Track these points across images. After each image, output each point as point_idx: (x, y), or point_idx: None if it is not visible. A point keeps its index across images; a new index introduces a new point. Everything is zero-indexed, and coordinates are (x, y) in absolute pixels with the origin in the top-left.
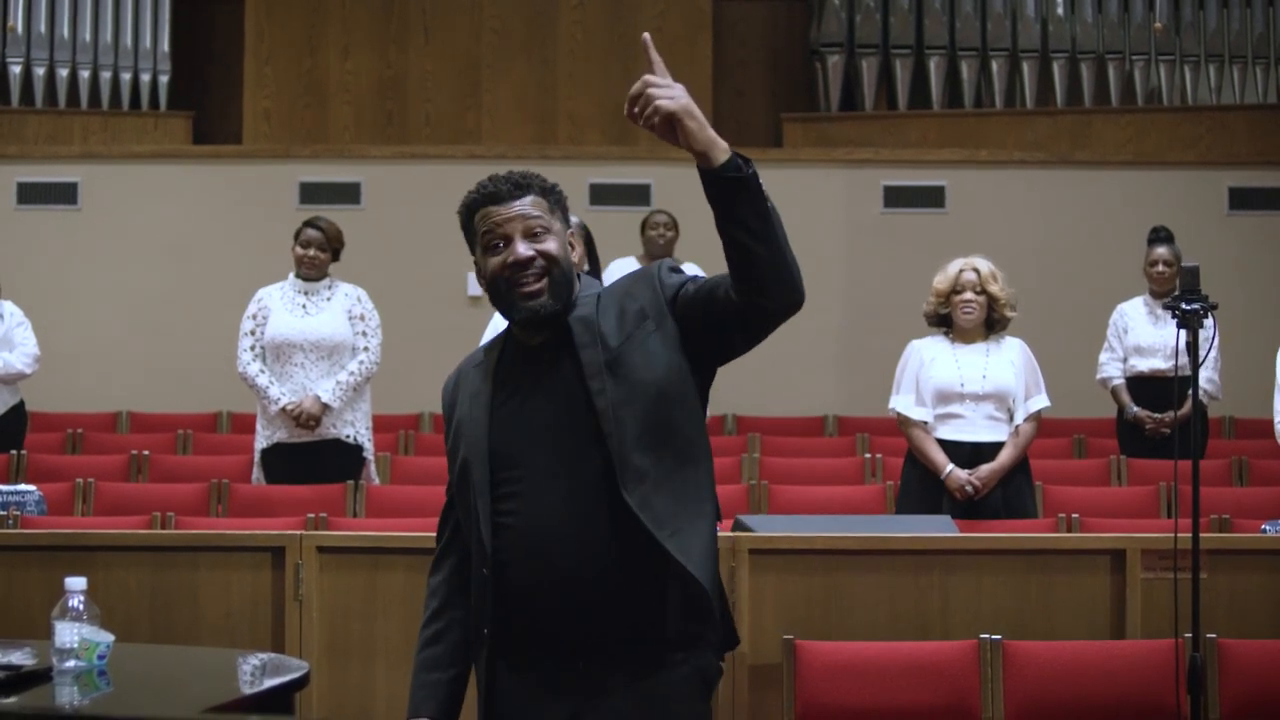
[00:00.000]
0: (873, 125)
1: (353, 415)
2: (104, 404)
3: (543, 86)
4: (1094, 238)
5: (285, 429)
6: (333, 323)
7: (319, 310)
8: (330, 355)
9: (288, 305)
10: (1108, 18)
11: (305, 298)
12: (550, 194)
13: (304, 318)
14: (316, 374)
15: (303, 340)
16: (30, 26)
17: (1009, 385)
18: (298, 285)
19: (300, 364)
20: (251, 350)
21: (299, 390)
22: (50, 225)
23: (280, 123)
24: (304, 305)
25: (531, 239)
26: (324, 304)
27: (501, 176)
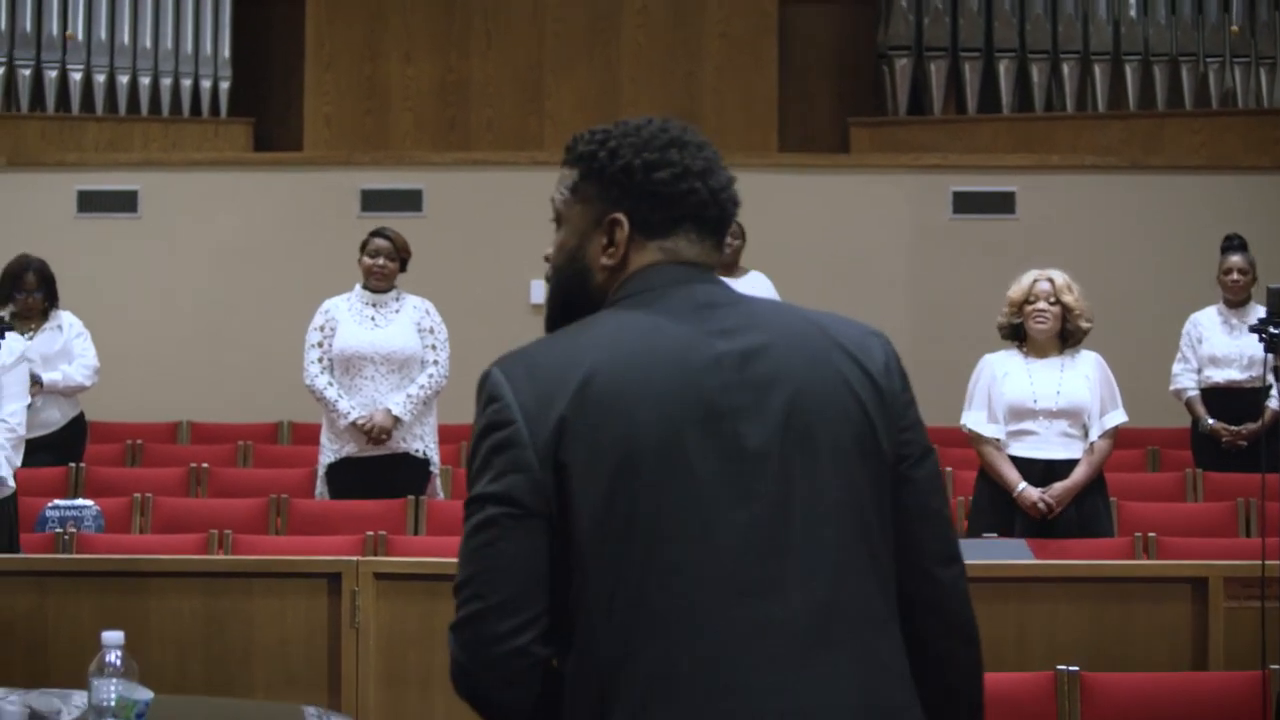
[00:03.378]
0: (941, 130)
1: (421, 429)
2: (164, 414)
3: (606, 90)
4: (1167, 244)
5: (354, 443)
6: (402, 335)
7: (389, 322)
8: (400, 368)
9: (356, 317)
10: (1181, 19)
11: (374, 310)
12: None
13: (373, 330)
14: (386, 387)
15: (373, 353)
16: (90, 33)
17: (1084, 401)
18: (365, 297)
19: (370, 377)
20: (319, 363)
21: (368, 403)
22: (110, 234)
23: (341, 129)
24: (373, 317)
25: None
26: (393, 316)
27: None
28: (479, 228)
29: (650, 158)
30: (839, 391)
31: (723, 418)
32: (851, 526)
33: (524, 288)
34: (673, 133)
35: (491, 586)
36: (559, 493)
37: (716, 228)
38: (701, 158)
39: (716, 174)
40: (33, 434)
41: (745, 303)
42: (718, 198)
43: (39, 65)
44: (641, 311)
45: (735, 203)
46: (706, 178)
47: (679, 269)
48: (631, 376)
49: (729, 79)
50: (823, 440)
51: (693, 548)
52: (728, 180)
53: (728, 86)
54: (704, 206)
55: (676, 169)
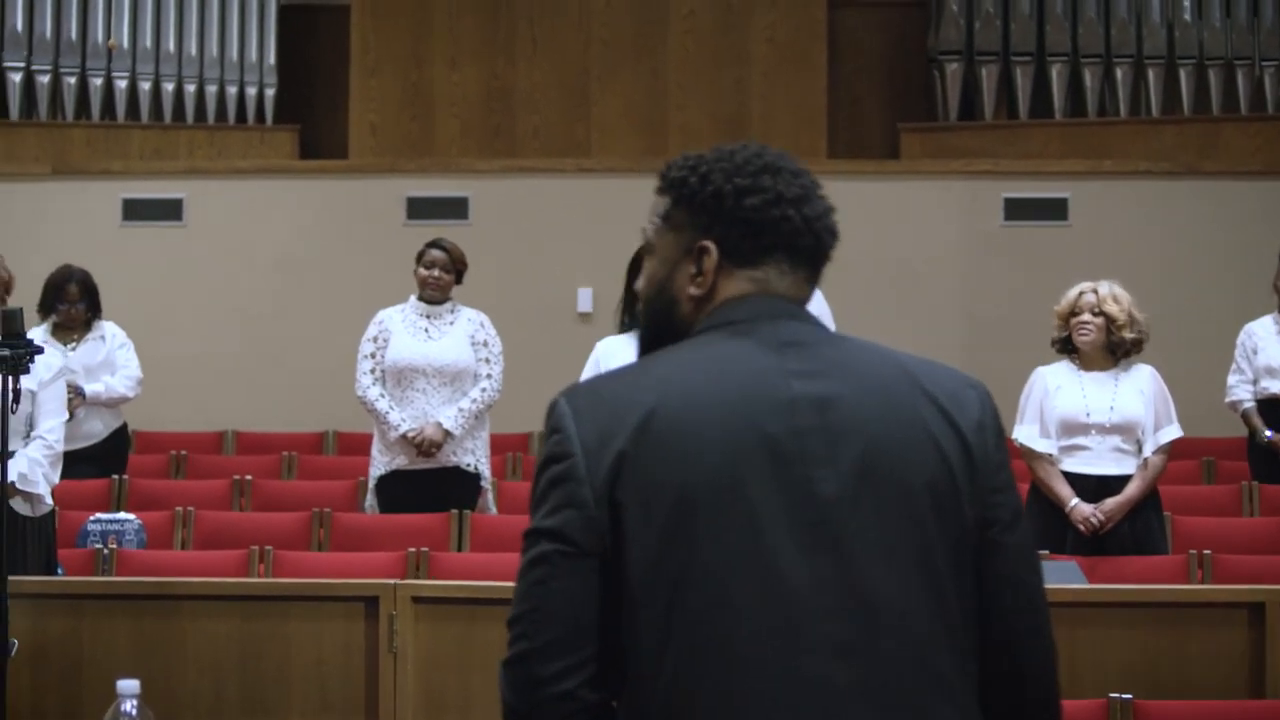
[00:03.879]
0: (993, 135)
1: (473, 443)
2: (209, 423)
3: (653, 97)
4: (1223, 250)
5: (405, 456)
6: (456, 348)
7: (442, 335)
8: (453, 381)
9: (409, 329)
10: (1236, 22)
11: (428, 321)
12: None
13: (427, 342)
14: (438, 400)
15: (425, 365)
16: (135, 41)
17: (1137, 416)
18: (420, 308)
19: (422, 389)
20: (371, 374)
21: (420, 416)
22: (155, 242)
23: (386, 136)
24: (426, 330)
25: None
26: (447, 328)
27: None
28: (525, 235)
29: (742, 183)
30: (921, 446)
31: (792, 463)
32: (923, 591)
33: (571, 296)
34: (767, 158)
35: (539, 627)
36: (614, 531)
37: (811, 258)
38: (797, 184)
39: (812, 202)
40: (75, 445)
41: (833, 343)
42: (812, 226)
43: (84, 73)
44: (720, 345)
45: (832, 233)
46: (801, 205)
47: (767, 301)
48: (696, 414)
49: (777, 84)
50: (898, 497)
51: (751, 599)
52: (825, 209)
53: (776, 92)
54: (797, 235)
55: (769, 195)
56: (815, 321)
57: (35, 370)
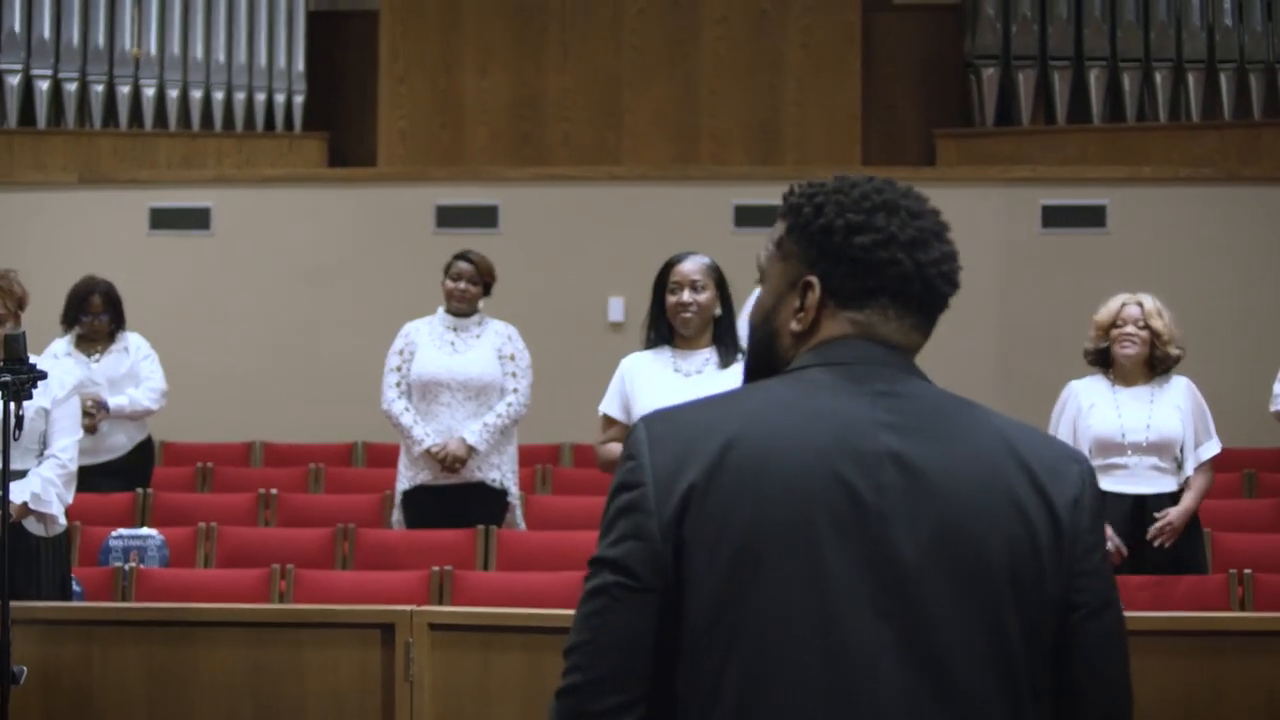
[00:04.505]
0: (1030, 141)
1: (499, 458)
2: (238, 434)
3: (685, 104)
4: (1265, 258)
5: (429, 471)
6: (482, 361)
7: (468, 348)
8: (478, 395)
9: (436, 342)
10: (1278, 25)
11: (455, 334)
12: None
13: (452, 355)
14: (463, 414)
15: (450, 379)
16: (164, 48)
17: (1175, 434)
18: (447, 321)
19: (447, 403)
20: (397, 387)
21: (445, 430)
22: (183, 251)
23: (416, 144)
24: (453, 343)
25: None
26: (474, 341)
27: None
28: (556, 244)
29: (854, 219)
30: (1008, 519)
31: (869, 520)
32: (991, 668)
33: (602, 306)
34: (887, 195)
35: (593, 660)
36: (676, 569)
37: (921, 306)
38: (915, 226)
39: (929, 247)
40: (99, 459)
41: (930, 399)
42: (924, 272)
43: (111, 81)
44: (811, 386)
45: (949, 281)
46: (915, 249)
47: (867, 346)
48: (776, 454)
49: (811, 90)
50: (976, 569)
51: (810, 660)
52: (943, 255)
53: (810, 98)
54: (905, 281)
55: (880, 235)
56: (918, 373)
57: (49, 386)
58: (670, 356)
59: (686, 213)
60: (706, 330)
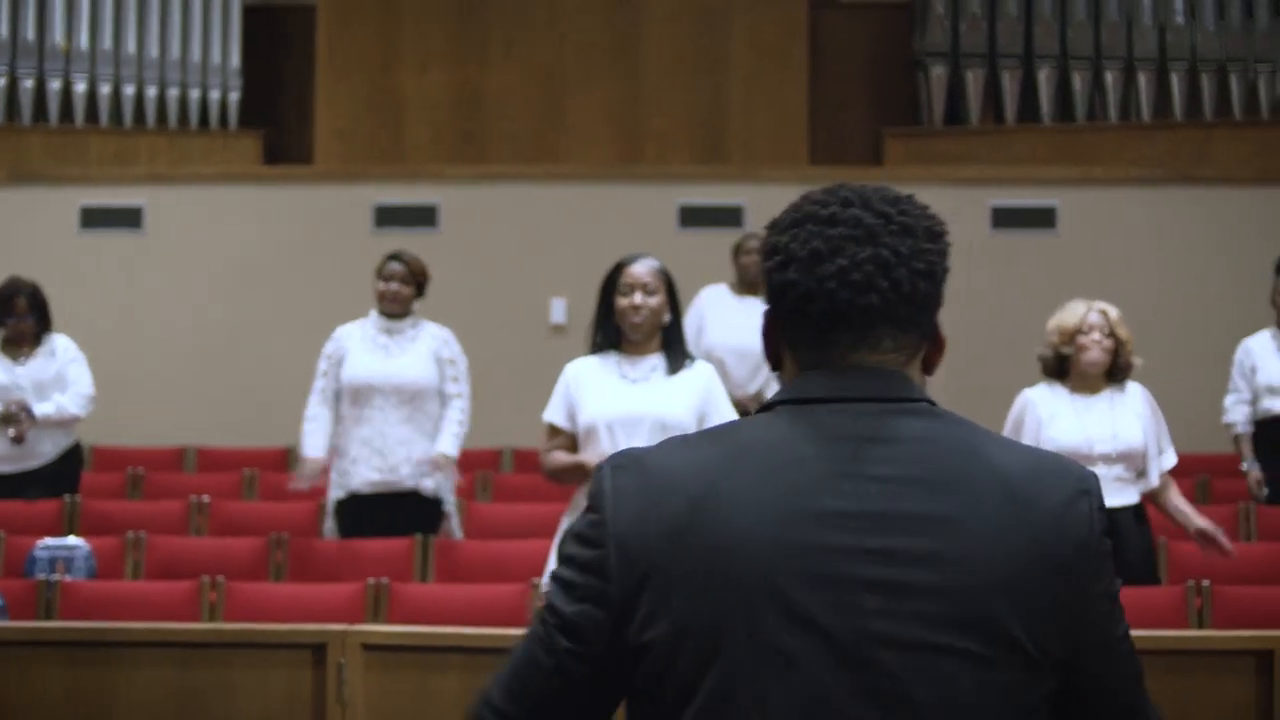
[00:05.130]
0: (979, 140)
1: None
2: (170, 438)
3: (628, 102)
4: (1216, 260)
5: (361, 479)
6: (415, 366)
7: (402, 352)
8: (411, 400)
9: (368, 345)
10: (1229, 25)
11: (387, 338)
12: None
13: (385, 360)
14: (396, 419)
15: (383, 384)
16: (95, 42)
17: (1139, 442)
18: (380, 324)
19: (379, 408)
20: (322, 393)
21: (375, 435)
22: (114, 251)
23: (354, 142)
24: (385, 346)
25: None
26: (407, 345)
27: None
28: (497, 244)
29: (772, 239)
30: (1007, 577)
31: (849, 591)
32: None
33: (544, 307)
34: (807, 208)
35: (514, 700)
36: (634, 635)
37: (836, 324)
38: (825, 236)
39: (838, 256)
40: (24, 466)
41: (916, 443)
42: (824, 287)
43: (41, 76)
44: (780, 431)
45: (859, 288)
46: (816, 264)
47: (821, 382)
48: (740, 521)
49: (757, 89)
50: (972, 639)
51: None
52: (856, 261)
53: (756, 96)
54: (806, 301)
55: (781, 257)
56: (896, 396)
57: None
58: (616, 362)
59: (630, 213)
60: (655, 336)
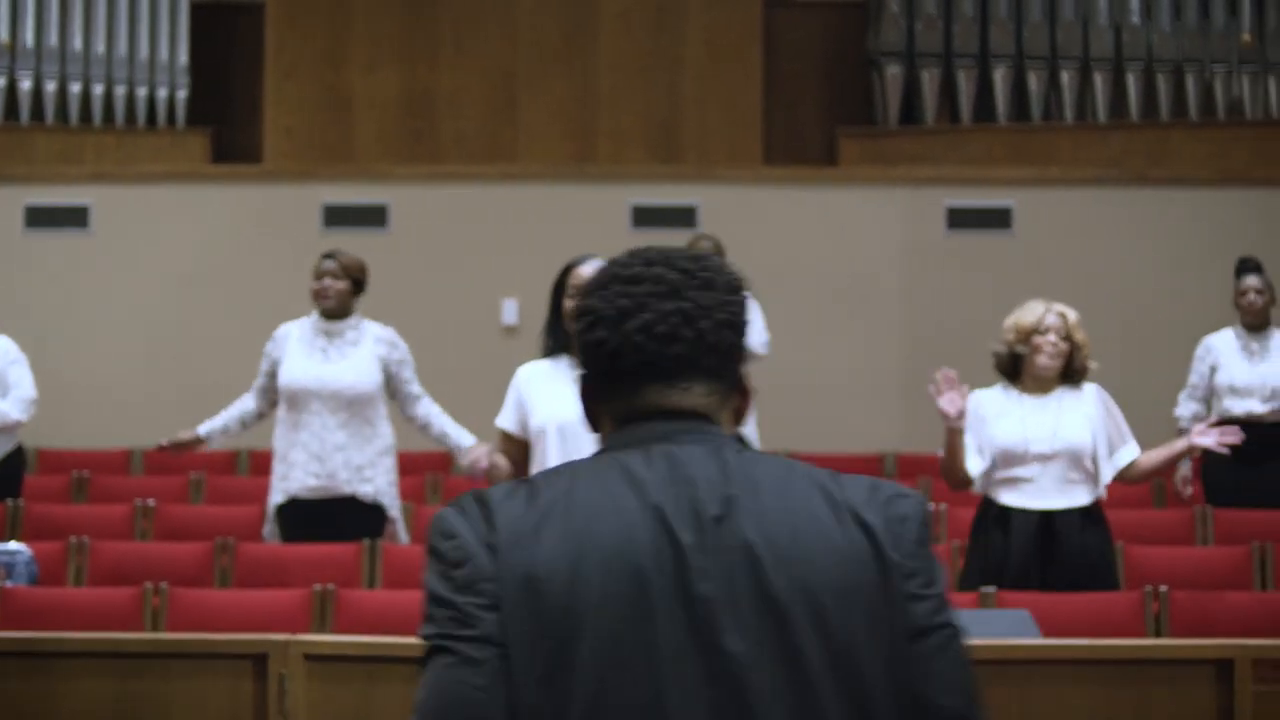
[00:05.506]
0: (934, 140)
1: (372, 471)
2: (116, 439)
3: (582, 101)
4: (1173, 262)
5: (299, 484)
6: (354, 371)
7: (341, 356)
8: (349, 406)
9: (305, 348)
10: (1186, 25)
11: (326, 340)
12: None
13: (323, 364)
14: (334, 424)
15: (320, 388)
16: (41, 39)
17: (1082, 443)
18: (320, 325)
19: (317, 412)
20: (256, 389)
21: (314, 440)
22: (60, 251)
23: (302, 140)
24: (324, 349)
25: None
26: (348, 349)
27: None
28: (448, 245)
29: (581, 303)
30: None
31: (693, 617)
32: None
33: (495, 308)
34: (617, 269)
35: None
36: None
37: (646, 376)
38: (631, 294)
39: (644, 311)
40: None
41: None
42: (632, 340)
43: None
44: (603, 480)
45: (668, 338)
46: (624, 320)
47: (637, 432)
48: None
49: (712, 88)
50: (815, 644)
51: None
52: (661, 315)
53: (710, 95)
54: (615, 357)
55: (590, 317)
56: (707, 439)
57: None
58: (569, 366)
59: (583, 213)
60: None
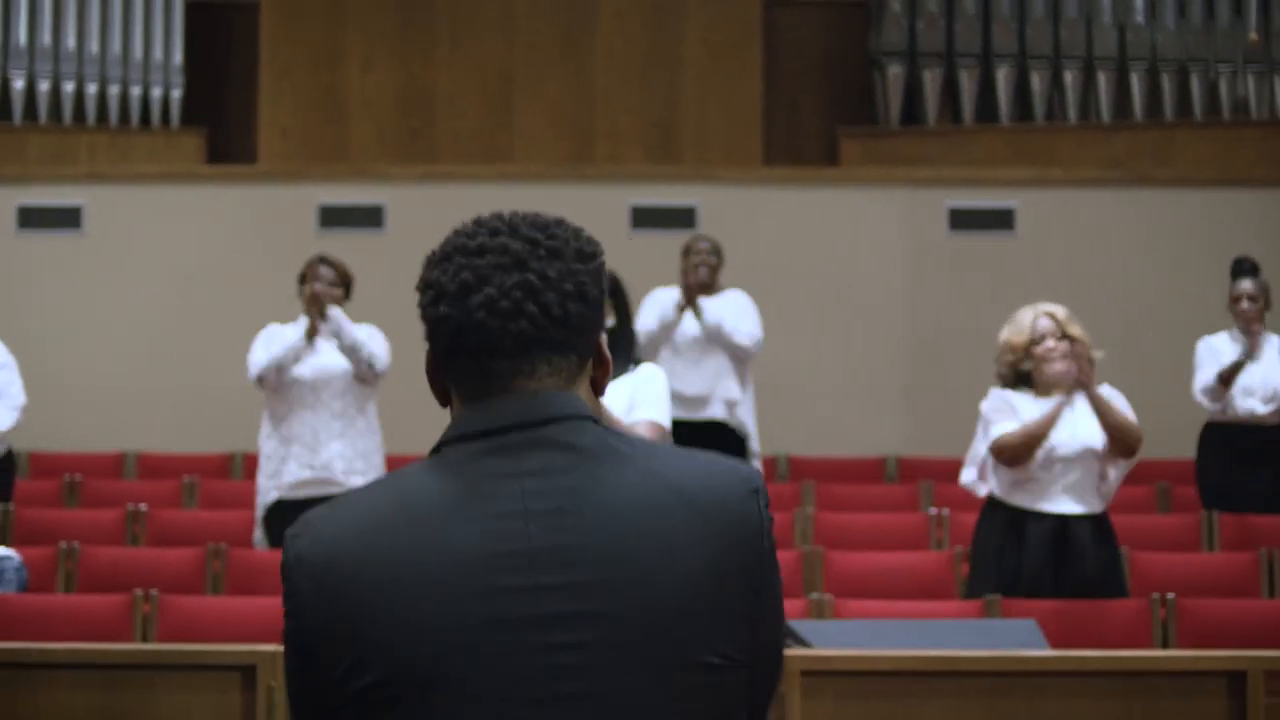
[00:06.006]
0: (936, 141)
1: (365, 465)
2: (109, 443)
3: (579, 101)
4: (1177, 263)
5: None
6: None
7: (330, 348)
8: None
9: None
10: (1190, 24)
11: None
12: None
13: (313, 355)
14: (326, 415)
15: (313, 377)
16: (34, 37)
17: (1099, 442)
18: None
19: (310, 405)
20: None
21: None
22: (53, 252)
23: (298, 141)
24: (314, 344)
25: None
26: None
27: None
28: None
29: (424, 276)
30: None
31: (525, 630)
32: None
33: None
34: (461, 239)
35: None
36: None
37: (491, 353)
38: (474, 267)
39: (486, 285)
40: None
41: (582, 472)
42: (474, 317)
43: None
44: (442, 480)
45: (511, 314)
46: (465, 295)
47: (482, 417)
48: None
49: (711, 87)
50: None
51: None
52: (506, 288)
53: (710, 95)
54: (458, 334)
55: (434, 291)
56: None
57: None
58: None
59: (581, 214)
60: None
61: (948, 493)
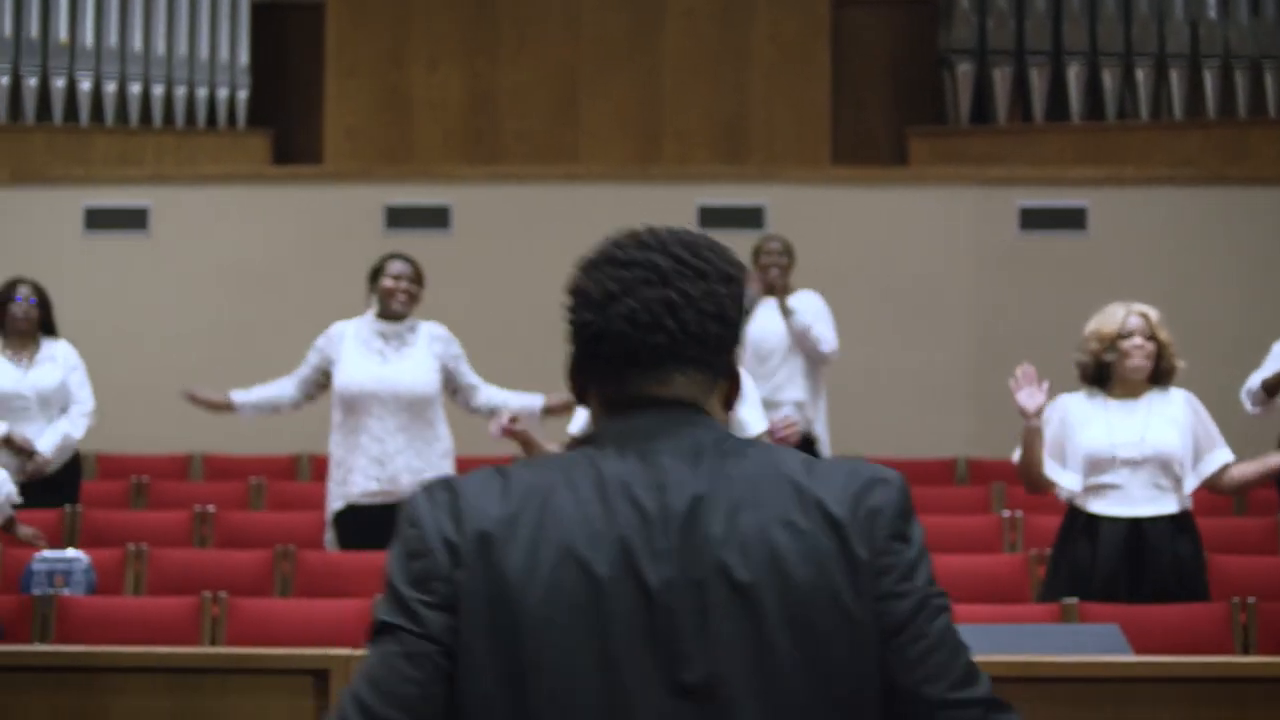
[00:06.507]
0: (1006, 139)
1: (433, 474)
2: (176, 444)
3: (646, 100)
4: (1250, 263)
5: (357, 489)
6: (414, 372)
7: (400, 358)
8: (409, 408)
9: (362, 350)
10: (1264, 20)
11: (383, 342)
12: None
13: (381, 366)
14: (394, 426)
15: (381, 391)
16: (100, 39)
17: (1172, 448)
18: (376, 325)
19: (378, 416)
20: (298, 377)
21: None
22: (119, 253)
23: (364, 141)
24: (381, 351)
25: None
26: (406, 350)
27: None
28: (510, 246)
29: (573, 281)
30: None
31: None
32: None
33: (557, 311)
34: (611, 250)
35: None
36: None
37: (627, 362)
38: (619, 278)
39: (631, 296)
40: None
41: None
42: (613, 327)
43: (45, 74)
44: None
45: (650, 327)
46: (609, 305)
47: (619, 425)
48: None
49: (779, 86)
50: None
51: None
52: (645, 302)
53: (778, 94)
54: (597, 340)
55: (580, 297)
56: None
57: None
58: None
59: (648, 214)
60: None
61: (1019, 495)
